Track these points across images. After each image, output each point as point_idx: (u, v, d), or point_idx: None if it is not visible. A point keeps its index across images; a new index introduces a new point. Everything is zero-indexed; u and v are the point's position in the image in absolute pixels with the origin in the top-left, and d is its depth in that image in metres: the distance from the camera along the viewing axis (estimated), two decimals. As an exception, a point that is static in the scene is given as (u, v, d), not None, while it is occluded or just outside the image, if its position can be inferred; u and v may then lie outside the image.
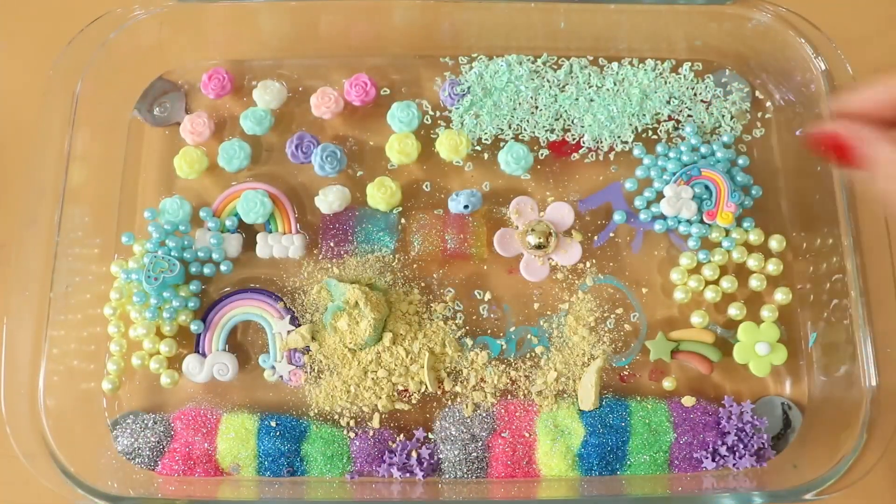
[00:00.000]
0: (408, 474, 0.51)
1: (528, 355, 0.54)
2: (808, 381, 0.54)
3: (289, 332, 0.54)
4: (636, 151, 0.57)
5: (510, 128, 0.58)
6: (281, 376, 0.53)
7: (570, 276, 0.55)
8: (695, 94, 0.59)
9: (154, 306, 0.53)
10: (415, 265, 0.56)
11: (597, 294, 0.55)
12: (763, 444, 0.51)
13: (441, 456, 0.52)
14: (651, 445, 0.51)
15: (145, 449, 0.52)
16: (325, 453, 0.51)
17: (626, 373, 0.54)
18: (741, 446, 0.51)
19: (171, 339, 0.54)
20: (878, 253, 0.51)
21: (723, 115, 0.58)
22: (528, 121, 0.58)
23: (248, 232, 0.56)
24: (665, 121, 0.58)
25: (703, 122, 0.58)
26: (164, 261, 0.53)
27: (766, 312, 0.54)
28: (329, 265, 0.55)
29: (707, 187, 0.55)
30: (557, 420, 0.52)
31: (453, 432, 0.52)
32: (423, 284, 0.55)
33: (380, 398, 0.52)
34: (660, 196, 0.56)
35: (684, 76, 0.59)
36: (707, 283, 0.55)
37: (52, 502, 0.49)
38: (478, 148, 0.58)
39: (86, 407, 0.53)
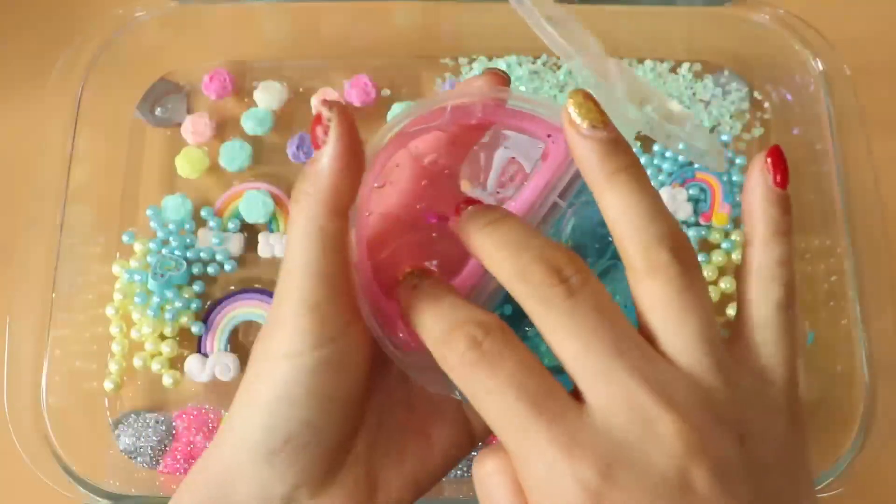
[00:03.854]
0: (408, 473, 0.52)
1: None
2: (805, 380, 0.54)
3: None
4: (633, 151, 0.57)
5: (510, 128, 0.58)
6: (282, 376, 0.54)
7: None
8: (693, 94, 0.59)
9: (156, 304, 0.53)
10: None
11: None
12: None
13: (441, 455, 0.52)
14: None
15: (147, 448, 0.52)
16: (325, 452, 0.52)
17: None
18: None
19: (172, 340, 0.54)
20: (876, 254, 0.51)
21: (721, 115, 0.59)
22: (527, 121, 0.58)
23: (250, 232, 0.57)
24: (664, 121, 0.59)
25: (701, 122, 0.58)
26: (172, 260, 0.54)
27: (765, 312, 0.54)
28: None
29: (702, 189, 0.55)
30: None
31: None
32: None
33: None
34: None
35: (683, 76, 0.60)
36: (705, 283, 0.55)
37: (55, 501, 0.49)
38: (478, 148, 0.58)
39: (88, 406, 0.53)
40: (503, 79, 0.29)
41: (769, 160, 0.26)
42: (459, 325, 0.24)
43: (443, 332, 0.24)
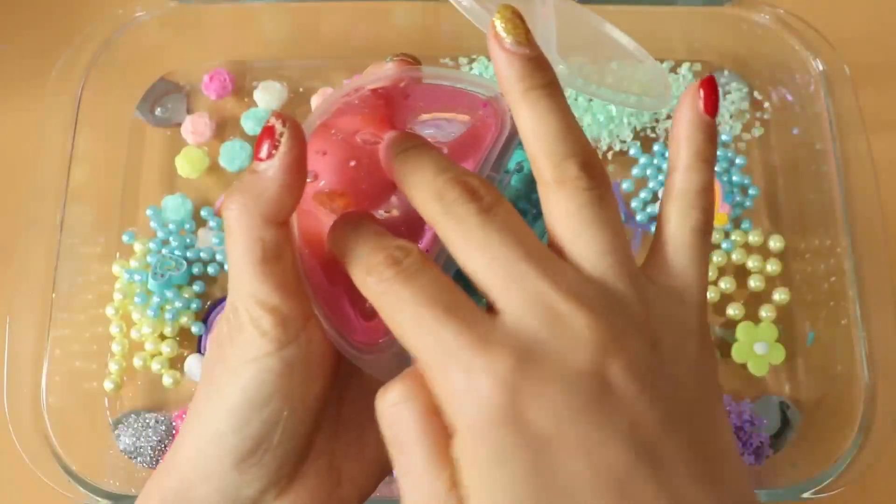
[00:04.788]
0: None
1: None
2: (805, 380, 0.54)
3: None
4: (632, 151, 0.57)
5: (510, 128, 0.58)
6: (282, 376, 0.54)
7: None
8: (694, 95, 0.59)
9: (156, 304, 0.53)
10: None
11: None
12: (762, 442, 0.52)
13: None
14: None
15: (147, 448, 0.52)
16: (325, 452, 0.52)
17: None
18: (740, 445, 0.51)
19: (172, 340, 0.54)
20: (876, 254, 0.51)
21: (721, 115, 0.59)
22: (527, 121, 0.58)
23: (250, 232, 0.57)
24: (664, 119, 0.59)
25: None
26: (172, 260, 0.54)
27: (765, 312, 0.54)
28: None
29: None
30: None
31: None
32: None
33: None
34: (655, 197, 0.56)
35: (683, 76, 0.60)
36: (705, 283, 0.55)
37: (55, 501, 0.49)
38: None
39: (88, 406, 0.53)
40: (414, 63, 0.29)
41: (701, 90, 0.27)
42: (381, 248, 0.24)
43: (366, 255, 0.25)
